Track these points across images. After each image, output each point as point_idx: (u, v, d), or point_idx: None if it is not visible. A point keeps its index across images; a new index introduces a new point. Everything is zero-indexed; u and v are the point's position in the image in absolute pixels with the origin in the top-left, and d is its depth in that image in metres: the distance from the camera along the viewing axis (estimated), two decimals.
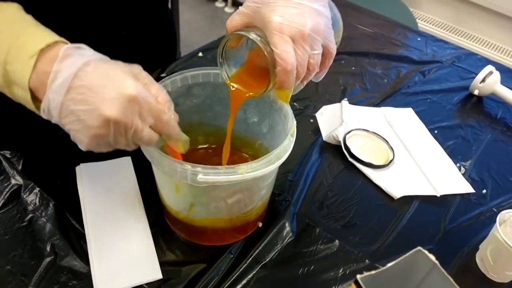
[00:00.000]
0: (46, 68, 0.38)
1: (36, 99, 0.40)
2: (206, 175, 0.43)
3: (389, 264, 0.33)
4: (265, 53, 0.43)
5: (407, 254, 0.33)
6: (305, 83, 0.47)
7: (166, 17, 0.83)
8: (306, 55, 0.42)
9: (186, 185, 0.47)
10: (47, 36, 0.39)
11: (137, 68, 0.42)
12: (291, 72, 0.42)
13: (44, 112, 0.39)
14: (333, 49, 0.46)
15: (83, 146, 0.40)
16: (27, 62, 0.38)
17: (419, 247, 0.34)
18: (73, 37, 0.42)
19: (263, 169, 0.45)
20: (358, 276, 0.31)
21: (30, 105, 0.40)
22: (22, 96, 0.39)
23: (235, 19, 0.46)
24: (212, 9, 2.82)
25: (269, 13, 0.42)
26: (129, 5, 0.66)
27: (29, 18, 0.42)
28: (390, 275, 0.33)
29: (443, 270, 0.33)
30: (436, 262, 0.33)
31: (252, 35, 0.43)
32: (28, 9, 0.43)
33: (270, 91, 0.47)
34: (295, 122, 0.51)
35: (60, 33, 0.41)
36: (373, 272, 0.32)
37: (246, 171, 0.43)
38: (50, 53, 0.38)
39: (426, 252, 0.34)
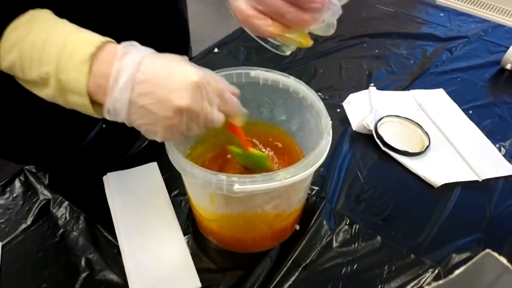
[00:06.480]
0: (104, 69, 0.37)
1: (93, 103, 0.39)
2: (243, 184, 0.40)
3: (457, 272, 0.30)
4: None
5: (475, 258, 0.31)
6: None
7: (177, 12, 0.80)
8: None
9: (221, 195, 0.44)
10: (92, 39, 0.38)
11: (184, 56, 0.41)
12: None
13: (110, 113, 0.38)
14: None
15: (158, 138, 0.40)
16: (81, 68, 0.37)
17: (487, 250, 0.31)
18: (81, 26, 0.40)
19: (301, 174, 0.42)
20: None
21: (88, 109, 0.39)
22: (78, 102, 0.38)
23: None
24: (219, 0, 2.77)
25: None
26: None
27: (65, 22, 0.40)
28: (457, 282, 0.31)
29: None
30: (509, 265, 0.30)
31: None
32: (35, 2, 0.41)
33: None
34: (330, 120, 0.47)
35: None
36: (440, 281, 0.29)
37: (285, 177, 0.41)
38: (102, 55, 0.37)
39: (496, 254, 0.31)
